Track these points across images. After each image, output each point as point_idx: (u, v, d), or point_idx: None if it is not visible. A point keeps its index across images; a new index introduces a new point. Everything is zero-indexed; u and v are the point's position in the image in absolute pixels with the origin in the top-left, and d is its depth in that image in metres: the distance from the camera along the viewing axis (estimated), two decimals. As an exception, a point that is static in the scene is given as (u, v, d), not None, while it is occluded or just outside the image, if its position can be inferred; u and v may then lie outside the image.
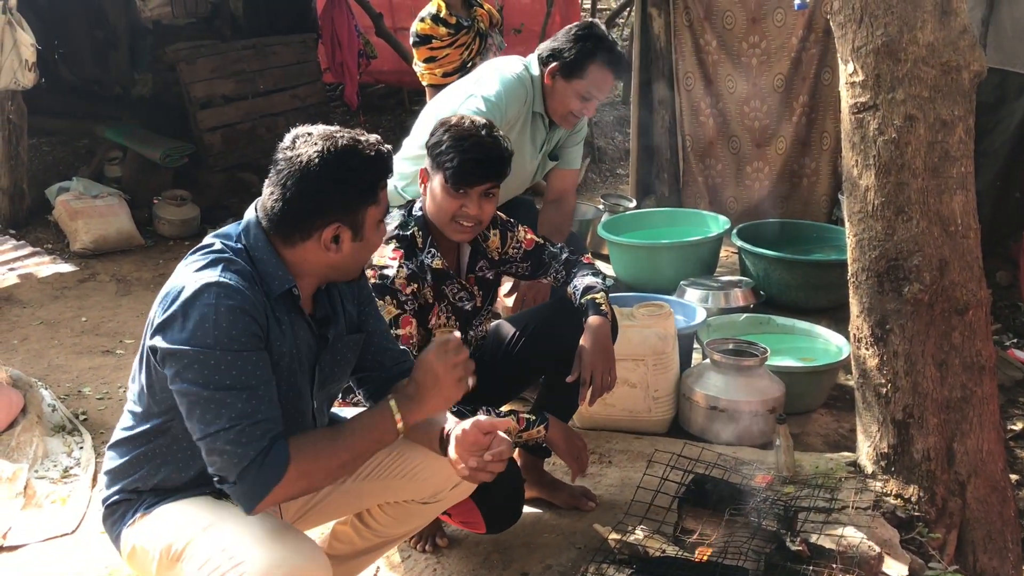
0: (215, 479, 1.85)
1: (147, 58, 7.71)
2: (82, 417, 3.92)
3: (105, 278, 5.76)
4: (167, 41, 7.34)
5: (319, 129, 1.95)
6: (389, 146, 2.01)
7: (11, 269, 5.53)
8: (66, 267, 5.70)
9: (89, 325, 5.02)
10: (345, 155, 1.90)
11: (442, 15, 4.84)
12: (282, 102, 7.69)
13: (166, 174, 6.84)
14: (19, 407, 3.71)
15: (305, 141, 1.92)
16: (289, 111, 7.69)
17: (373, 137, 1.99)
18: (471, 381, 1.99)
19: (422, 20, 4.86)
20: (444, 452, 2.08)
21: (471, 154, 2.53)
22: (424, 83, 5.00)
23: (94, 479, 3.41)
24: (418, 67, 4.96)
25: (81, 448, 3.62)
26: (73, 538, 3.06)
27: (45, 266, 5.65)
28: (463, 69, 4.88)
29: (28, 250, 5.83)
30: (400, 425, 1.95)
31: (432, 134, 2.63)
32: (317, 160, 1.88)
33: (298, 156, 1.90)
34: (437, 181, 2.59)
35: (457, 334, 2.02)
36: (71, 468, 3.48)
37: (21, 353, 4.62)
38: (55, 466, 3.48)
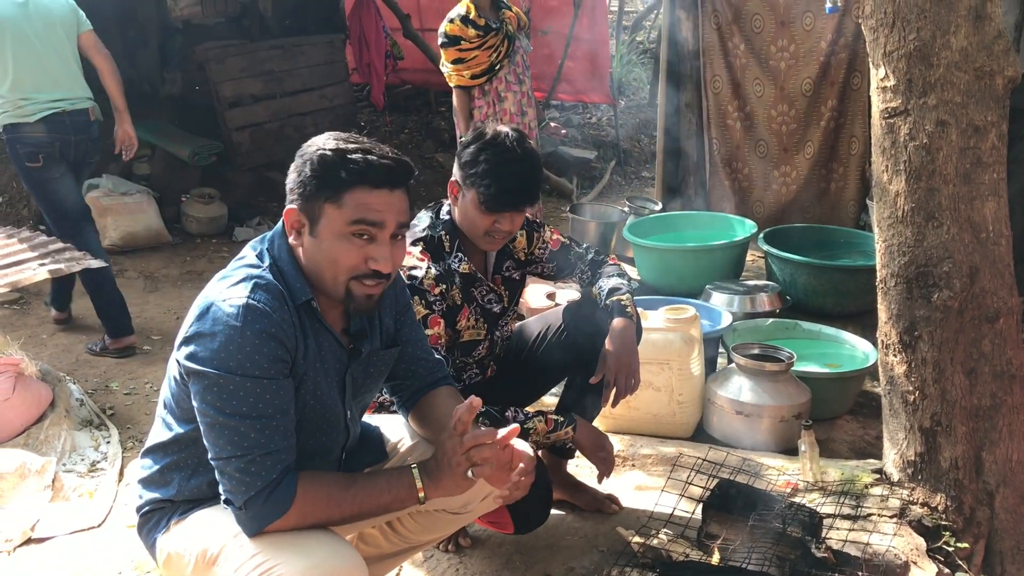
0: (223, 498, 1.85)
1: (177, 57, 7.77)
2: (109, 412, 3.96)
3: (133, 274, 5.81)
4: (196, 40, 7.40)
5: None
6: (391, 161, 1.87)
7: (41, 264, 5.58)
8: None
9: (117, 321, 5.06)
10: (331, 149, 1.86)
11: (471, 17, 4.84)
12: (310, 102, 7.73)
13: (194, 172, 6.89)
14: (48, 401, 3.76)
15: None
16: (316, 111, 7.74)
17: (381, 149, 1.88)
18: (477, 472, 1.89)
19: (451, 21, 4.86)
20: None
21: (507, 183, 2.50)
22: (451, 84, 5.00)
23: (121, 473, 3.45)
24: (445, 68, 4.97)
25: (108, 443, 3.65)
26: (99, 531, 3.10)
27: (74, 262, 5.69)
28: (491, 71, 4.89)
29: (58, 245, 5.87)
30: (422, 495, 1.91)
31: (466, 146, 2.58)
32: (306, 151, 1.89)
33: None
34: (470, 198, 2.56)
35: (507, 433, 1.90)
36: (98, 462, 3.51)
37: (50, 348, 4.67)
38: (82, 460, 3.51)
